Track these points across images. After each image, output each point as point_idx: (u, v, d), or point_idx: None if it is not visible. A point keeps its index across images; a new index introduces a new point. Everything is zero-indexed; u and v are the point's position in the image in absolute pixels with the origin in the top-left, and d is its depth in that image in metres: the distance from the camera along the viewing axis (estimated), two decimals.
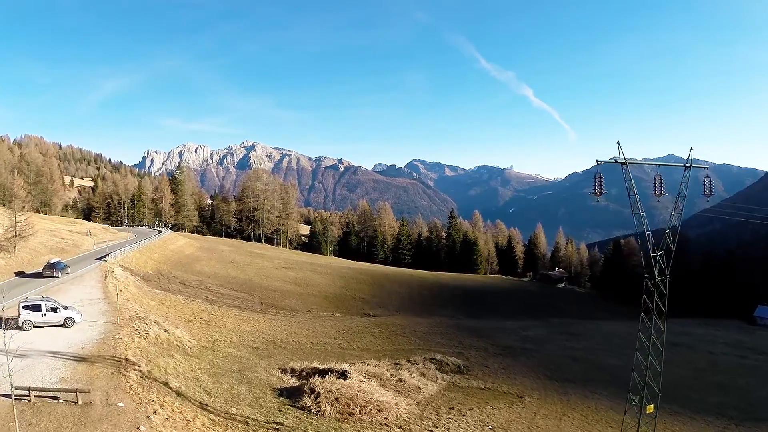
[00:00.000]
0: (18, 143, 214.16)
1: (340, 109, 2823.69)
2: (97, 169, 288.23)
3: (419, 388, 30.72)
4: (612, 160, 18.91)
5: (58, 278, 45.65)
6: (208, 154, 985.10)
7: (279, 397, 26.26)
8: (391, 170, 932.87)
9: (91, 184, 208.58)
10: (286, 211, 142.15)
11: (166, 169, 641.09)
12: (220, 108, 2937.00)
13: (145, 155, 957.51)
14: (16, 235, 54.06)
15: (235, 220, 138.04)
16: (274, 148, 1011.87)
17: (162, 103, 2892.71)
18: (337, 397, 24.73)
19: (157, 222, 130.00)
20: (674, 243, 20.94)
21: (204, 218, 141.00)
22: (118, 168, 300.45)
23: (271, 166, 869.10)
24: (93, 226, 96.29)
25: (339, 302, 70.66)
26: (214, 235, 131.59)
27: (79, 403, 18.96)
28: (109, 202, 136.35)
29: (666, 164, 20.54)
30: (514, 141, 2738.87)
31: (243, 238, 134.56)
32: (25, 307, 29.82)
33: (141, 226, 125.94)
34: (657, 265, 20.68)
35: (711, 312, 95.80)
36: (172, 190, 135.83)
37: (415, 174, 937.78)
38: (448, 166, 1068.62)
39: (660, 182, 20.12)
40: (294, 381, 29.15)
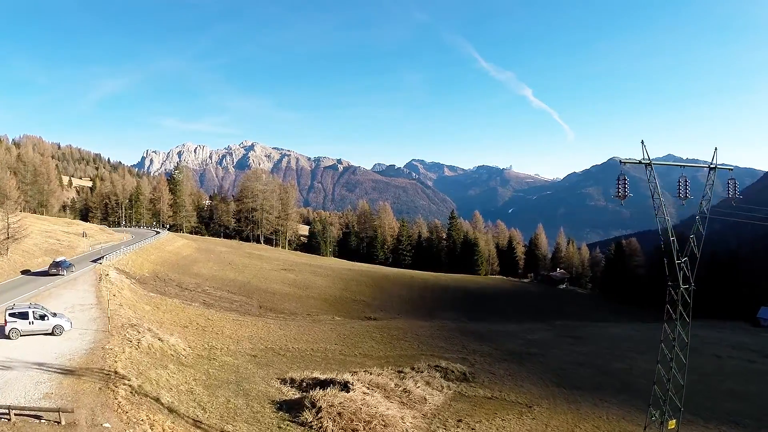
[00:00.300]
0: (16, 143, 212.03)
1: (339, 109, 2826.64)
2: (96, 169, 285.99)
3: (425, 398, 29.47)
4: (636, 161, 17.61)
5: (63, 276, 47.95)
6: (207, 154, 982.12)
7: (278, 411, 24.90)
8: (390, 170, 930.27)
9: (90, 184, 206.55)
10: (285, 211, 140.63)
11: (165, 169, 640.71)
12: (220, 108, 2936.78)
13: (145, 155, 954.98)
14: (8, 237, 52.60)
15: (234, 220, 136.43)
16: (273, 148, 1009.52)
17: (161, 103, 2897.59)
18: (339, 412, 23.36)
19: (155, 223, 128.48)
20: (699, 249, 19.66)
21: (202, 219, 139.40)
22: (117, 168, 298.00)
23: (270, 166, 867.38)
24: (89, 227, 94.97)
25: (339, 305, 69.45)
26: (212, 236, 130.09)
27: (62, 424, 17.65)
28: (107, 202, 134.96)
29: (692, 165, 19.31)
30: (514, 141, 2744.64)
31: (242, 238, 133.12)
32: (12, 314, 28.47)
33: (139, 226, 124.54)
34: (681, 272, 19.39)
35: (714, 313, 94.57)
36: (171, 190, 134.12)
37: (414, 174, 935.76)
38: (447, 166, 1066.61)
39: (686, 184, 18.79)
40: (294, 392, 27.83)
